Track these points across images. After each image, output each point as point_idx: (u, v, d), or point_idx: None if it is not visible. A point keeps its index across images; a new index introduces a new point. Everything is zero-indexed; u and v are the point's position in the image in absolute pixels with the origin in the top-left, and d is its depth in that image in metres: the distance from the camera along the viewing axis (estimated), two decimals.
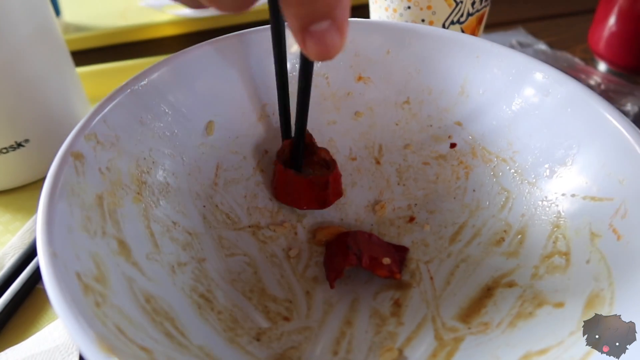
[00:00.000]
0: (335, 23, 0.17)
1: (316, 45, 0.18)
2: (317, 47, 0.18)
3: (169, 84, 0.28)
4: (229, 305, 0.25)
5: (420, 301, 0.26)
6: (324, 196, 0.29)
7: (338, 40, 0.18)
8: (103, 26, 0.58)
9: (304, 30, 0.18)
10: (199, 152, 0.29)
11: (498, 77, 0.29)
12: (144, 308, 0.21)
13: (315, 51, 0.18)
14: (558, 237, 0.25)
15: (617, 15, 0.45)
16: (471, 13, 0.38)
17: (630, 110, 0.41)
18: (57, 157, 0.22)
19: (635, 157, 0.22)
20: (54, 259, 0.18)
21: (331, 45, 0.18)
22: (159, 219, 0.26)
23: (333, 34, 0.18)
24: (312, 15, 0.17)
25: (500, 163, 0.29)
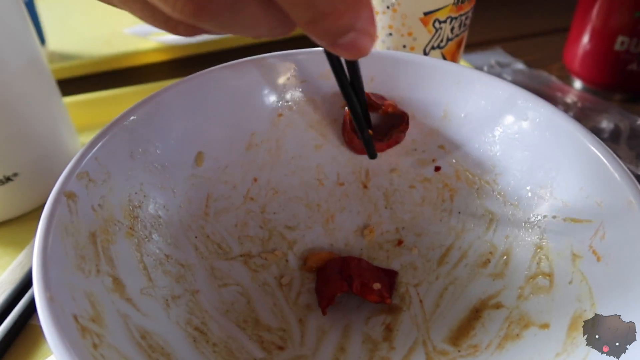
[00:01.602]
0: (361, 31, 0.19)
1: (347, 51, 0.19)
2: (348, 53, 0.19)
3: (157, 118, 0.29)
4: (224, 337, 0.25)
5: (411, 325, 0.26)
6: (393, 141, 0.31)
7: (367, 42, 0.19)
8: (88, 54, 0.58)
9: (333, 45, 0.19)
10: (189, 184, 0.30)
11: (478, 102, 0.30)
12: (140, 345, 0.21)
13: (347, 55, 0.19)
14: (541, 258, 0.25)
15: (590, 33, 0.46)
16: (450, 38, 0.39)
17: (606, 128, 0.43)
18: (50, 198, 0.23)
19: (611, 181, 0.23)
20: (51, 303, 0.18)
21: (362, 47, 0.19)
22: (151, 252, 0.26)
23: (360, 39, 0.19)
24: (335, 35, 0.18)
25: (484, 185, 0.30)
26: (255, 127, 0.32)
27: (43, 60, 0.37)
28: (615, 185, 0.23)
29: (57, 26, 0.63)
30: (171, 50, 0.57)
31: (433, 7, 0.36)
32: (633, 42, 0.44)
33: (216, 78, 0.31)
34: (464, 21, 0.39)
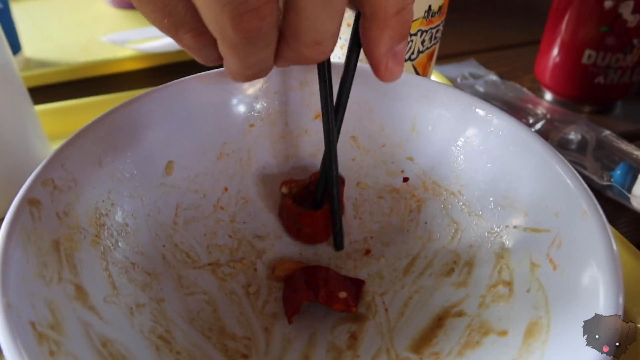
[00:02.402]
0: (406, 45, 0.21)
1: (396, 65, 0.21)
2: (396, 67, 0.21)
3: (126, 127, 0.29)
4: (188, 345, 0.25)
5: (376, 333, 0.26)
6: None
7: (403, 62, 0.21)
8: (65, 61, 0.58)
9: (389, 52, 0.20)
10: (158, 193, 0.30)
11: (445, 115, 0.31)
12: (100, 353, 0.21)
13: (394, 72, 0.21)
14: (502, 267, 0.26)
15: (559, 46, 0.48)
16: (422, 51, 0.39)
17: (574, 139, 0.44)
18: (12, 206, 0.23)
19: (568, 192, 0.24)
20: (8, 310, 0.18)
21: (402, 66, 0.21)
22: (117, 260, 0.26)
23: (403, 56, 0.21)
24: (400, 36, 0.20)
25: (450, 196, 0.30)
26: (227, 137, 0.32)
27: (13, 68, 0.37)
28: (571, 196, 0.24)
29: (34, 33, 0.63)
30: (148, 59, 0.57)
31: None
32: (599, 55, 0.45)
33: (188, 88, 0.31)
34: (434, 34, 0.40)
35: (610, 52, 0.45)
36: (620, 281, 0.20)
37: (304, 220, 0.30)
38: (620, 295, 0.20)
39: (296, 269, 0.29)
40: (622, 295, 0.20)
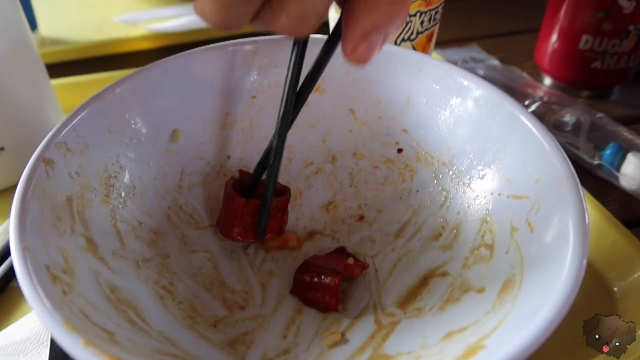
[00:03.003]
0: (386, 38, 0.20)
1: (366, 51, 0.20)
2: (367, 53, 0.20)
3: (135, 95, 0.30)
4: (190, 296, 0.27)
5: (365, 291, 0.28)
6: (281, 222, 0.30)
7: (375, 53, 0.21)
8: (79, 40, 0.60)
9: (365, 35, 0.20)
10: (164, 158, 0.32)
11: (437, 88, 0.32)
12: (108, 297, 0.23)
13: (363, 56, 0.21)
14: (486, 231, 0.28)
15: (558, 34, 0.48)
16: (421, 31, 0.41)
17: (569, 121, 0.45)
18: (29, 163, 0.25)
19: (548, 159, 0.26)
20: (25, 252, 0.20)
21: (371, 55, 0.21)
22: (125, 219, 0.28)
23: (377, 47, 0.20)
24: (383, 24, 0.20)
25: (441, 166, 0.32)
26: (230, 108, 0.34)
27: (32, 43, 0.39)
28: (550, 164, 0.25)
29: (49, 12, 0.65)
30: (160, 38, 0.59)
31: None
32: (596, 41, 0.46)
33: (194, 59, 0.33)
34: (433, 15, 0.41)
35: (606, 38, 0.45)
36: (586, 242, 0.21)
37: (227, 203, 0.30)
38: (585, 256, 0.21)
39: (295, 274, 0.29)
40: (586, 255, 0.21)
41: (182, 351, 0.23)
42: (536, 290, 0.21)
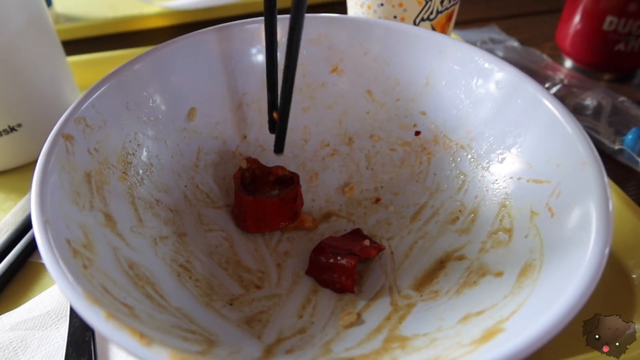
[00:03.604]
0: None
1: None
2: None
3: (152, 73, 0.30)
4: (206, 274, 0.27)
5: (381, 273, 0.28)
6: (294, 209, 0.30)
7: None
8: (93, 17, 0.60)
9: None
10: (181, 137, 0.31)
11: (457, 70, 0.31)
12: (127, 273, 0.23)
13: None
14: (504, 215, 0.27)
15: (581, 14, 0.47)
16: (440, 11, 0.40)
17: (590, 104, 0.44)
18: (49, 138, 0.25)
19: (571, 143, 0.25)
20: (46, 226, 0.21)
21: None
22: (142, 196, 0.28)
23: None
24: None
25: (459, 150, 0.31)
26: (247, 88, 0.34)
27: (48, 19, 0.39)
28: (572, 148, 0.25)
29: None
30: (174, 16, 0.58)
31: None
32: (621, 22, 0.45)
33: (211, 38, 0.32)
34: None
35: (632, 19, 0.44)
36: (609, 228, 0.21)
37: (236, 199, 0.30)
38: (608, 245, 0.21)
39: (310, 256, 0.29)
40: (609, 243, 0.21)
41: (200, 327, 0.23)
42: (557, 275, 0.21)
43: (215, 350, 0.21)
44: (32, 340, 0.27)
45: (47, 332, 0.27)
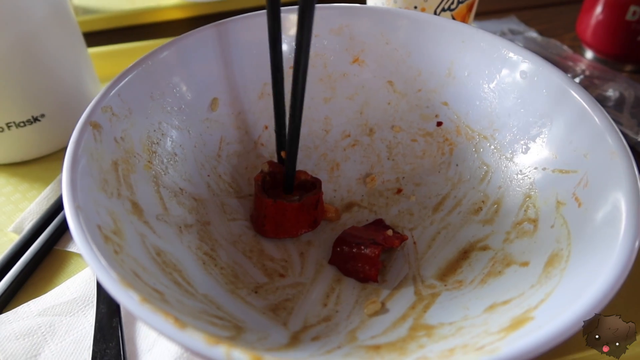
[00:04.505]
0: None
1: None
2: None
3: (176, 63, 0.30)
4: (231, 263, 0.27)
5: (404, 262, 0.28)
6: (315, 215, 0.30)
7: None
8: (110, 9, 0.60)
9: None
10: (204, 126, 0.32)
11: (481, 60, 0.31)
12: (155, 260, 0.24)
13: None
14: (529, 206, 0.27)
15: (603, 5, 0.47)
16: (461, 1, 0.40)
17: (612, 95, 0.44)
18: (77, 126, 0.25)
19: (599, 134, 0.25)
20: (78, 212, 0.21)
21: None
22: (167, 185, 0.28)
23: None
24: None
25: (482, 140, 0.31)
26: (268, 78, 0.33)
27: (70, 11, 0.39)
28: (602, 138, 0.25)
29: None
30: (191, 8, 0.59)
31: None
32: None
33: (234, 28, 0.32)
34: None
35: None
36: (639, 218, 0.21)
37: (256, 201, 0.30)
38: (638, 237, 0.20)
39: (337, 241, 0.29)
40: (639, 235, 0.21)
41: (227, 314, 0.23)
42: (585, 265, 0.21)
43: (244, 335, 0.21)
44: (60, 326, 0.27)
45: (75, 318, 0.28)
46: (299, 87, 0.27)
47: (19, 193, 0.37)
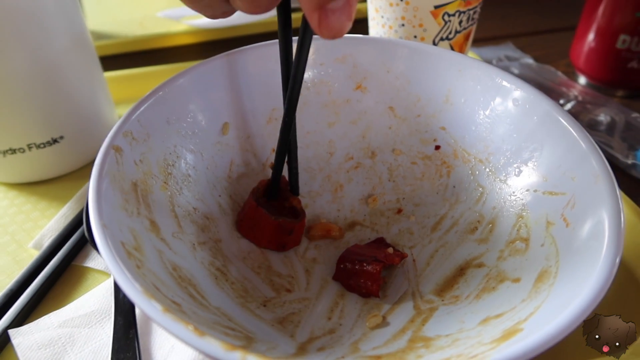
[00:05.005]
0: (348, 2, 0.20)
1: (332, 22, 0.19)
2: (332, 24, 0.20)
3: (190, 90, 0.33)
4: (241, 278, 0.29)
5: (404, 279, 0.30)
6: (285, 241, 0.31)
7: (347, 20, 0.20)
8: (123, 34, 0.63)
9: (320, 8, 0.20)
10: (215, 149, 0.34)
11: (476, 88, 0.33)
12: (171, 274, 0.25)
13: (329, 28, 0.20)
14: (521, 225, 0.29)
15: (595, 33, 0.49)
16: (459, 31, 0.42)
17: (604, 120, 0.46)
18: (101, 150, 0.27)
19: (585, 158, 0.27)
20: (105, 229, 0.23)
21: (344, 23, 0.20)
22: (181, 204, 0.30)
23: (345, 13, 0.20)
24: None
25: (477, 163, 0.33)
26: (276, 104, 0.36)
27: (88, 37, 0.41)
28: (587, 162, 0.26)
29: (95, 7, 0.68)
30: (201, 34, 0.61)
31: (443, 1, 0.39)
32: (634, 40, 0.46)
33: (245, 57, 0.35)
34: (472, 15, 0.42)
35: None
36: (621, 238, 0.23)
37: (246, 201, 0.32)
38: (619, 254, 0.22)
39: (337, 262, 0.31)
40: (620, 253, 0.22)
41: (239, 325, 0.25)
42: (571, 281, 0.23)
43: (254, 345, 0.23)
44: (79, 337, 0.29)
45: (93, 329, 0.29)
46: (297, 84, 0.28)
47: (38, 211, 0.39)
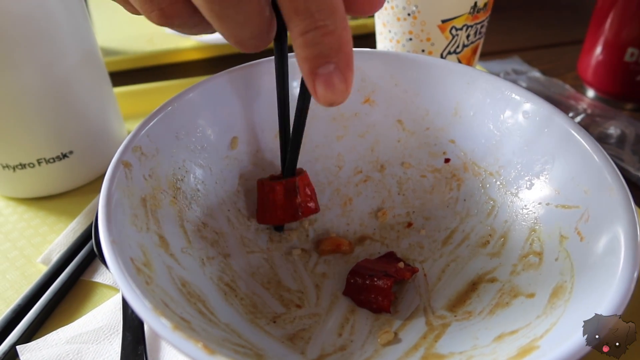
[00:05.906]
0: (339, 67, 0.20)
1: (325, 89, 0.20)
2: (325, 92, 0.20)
3: (200, 105, 0.33)
4: (250, 293, 0.29)
5: (415, 294, 0.30)
6: (295, 204, 0.31)
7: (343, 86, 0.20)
8: (132, 50, 0.63)
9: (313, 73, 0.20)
10: (224, 164, 0.34)
11: (485, 101, 0.33)
12: (181, 290, 0.25)
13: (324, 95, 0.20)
14: (534, 239, 0.29)
15: (603, 46, 0.49)
16: (466, 44, 0.42)
17: (614, 133, 0.45)
18: (111, 165, 0.27)
19: (598, 171, 0.26)
20: (114, 245, 0.23)
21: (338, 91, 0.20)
22: (190, 219, 0.30)
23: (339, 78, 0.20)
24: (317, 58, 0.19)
25: (488, 176, 0.33)
26: None
27: (98, 53, 0.42)
28: (600, 175, 0.26)
29: (105, 24, 0.68)
30: (210, 49, 0.62)
31: (450, 15, 0.40)
32: None
33: (253, 72, 0.35)
34: (479, 29, 0.42)
35: None
36: (638, 251, 0.22)
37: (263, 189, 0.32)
38: (637, 268, 0.22)
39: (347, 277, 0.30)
40: (637, 266, 0.22)
41: (248, 342, 0.24)
42: (588, 297, 0.22)
43: None
44: (87, 353, 0.29)
45: (101, 345, 0.29)
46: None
47: (46, 226, 0.39)
